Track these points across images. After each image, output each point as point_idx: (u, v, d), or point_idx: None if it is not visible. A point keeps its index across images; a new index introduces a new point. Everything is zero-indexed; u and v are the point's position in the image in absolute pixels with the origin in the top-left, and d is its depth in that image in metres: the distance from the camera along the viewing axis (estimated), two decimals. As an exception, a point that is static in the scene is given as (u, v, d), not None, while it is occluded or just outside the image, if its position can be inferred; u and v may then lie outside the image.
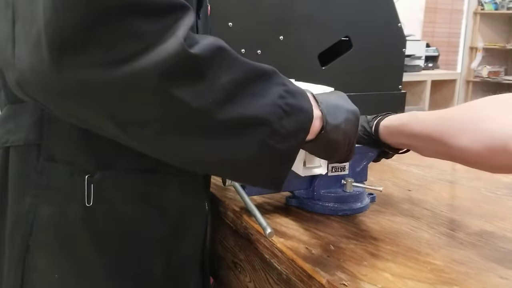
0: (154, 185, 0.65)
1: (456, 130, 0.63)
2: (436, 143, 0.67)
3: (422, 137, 0.69)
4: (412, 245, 0.67)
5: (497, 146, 0.58)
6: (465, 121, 0.63)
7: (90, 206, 0.60)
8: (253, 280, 0.77)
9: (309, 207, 0.80)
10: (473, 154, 0.61)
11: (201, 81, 0.48)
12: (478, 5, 4.90)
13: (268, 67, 0.55)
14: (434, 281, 0.58)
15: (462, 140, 0.62)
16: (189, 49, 0.46)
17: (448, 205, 0.84)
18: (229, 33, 1.03)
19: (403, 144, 0.76)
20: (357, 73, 1.21)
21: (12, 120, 0.62)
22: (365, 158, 0.82)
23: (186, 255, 0.71)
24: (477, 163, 0.62)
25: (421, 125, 0.70)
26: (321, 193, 0.79)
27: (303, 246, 0.67)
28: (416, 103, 3.79)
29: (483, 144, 0.59)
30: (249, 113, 0.51)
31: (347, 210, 0.78)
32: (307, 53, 1.13)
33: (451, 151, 0.64)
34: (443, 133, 0.65)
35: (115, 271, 0.64)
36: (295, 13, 1.10)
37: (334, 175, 0.80)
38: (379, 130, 0.77)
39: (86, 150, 0.61)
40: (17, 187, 0.62)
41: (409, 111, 0.76)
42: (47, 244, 0.61)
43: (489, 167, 0.62)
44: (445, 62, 4.81)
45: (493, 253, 0.65)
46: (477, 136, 0.60)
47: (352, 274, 0.59)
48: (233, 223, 0.81)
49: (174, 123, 0.49)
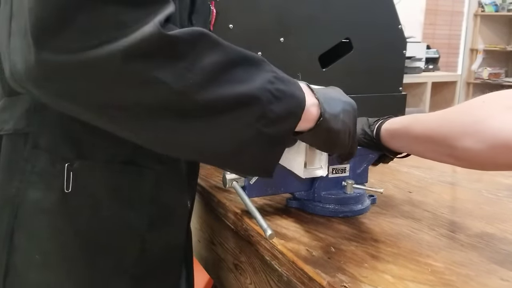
0: (130, 176, 0.67)
1: (458, 132, 0.63)
2: (439, 145, 0.67)
3: (424, 139, 0.69)
4: (413, 247, 0.67)
5: (500, 144, 0.58)
6: (466, 122, 0.63)
7: (69, 192, 0.63)
8: (254, 282, 0.77)
9: (310, 209, 0.80)
10: (477, 154, 0.61)
11: (181, 62, 0.48)
12: (479, 7, 4.90)
13: (257, 55, 0.56)
14: (435, 283, 0.58)
15: (465, 141, 0.62)
16: (166, 31, 0.47)
17: (448, 207, 0.84)
18: (230, 35, 1.03)
19: (404, 147, 0.76)
20: (358, 75, 1.21)
21: (8, 110, 0.65)
22: (366, 160, 0.82)
23: (164, 246, 0.73)
24: (482, 162, 0.63)
25: (423, 127, 0.70)
26: (322, 194, 0.79)
27: (303, 248, 0.67)
28: (417, 105, 3.78)
29: (486, 143, 0.59)
30: (233, 95, 0.52)
31: (348, 212, 0.78)
32: (308, 55, 1.14)
33: (455, 152, 0.64)
34: (446, 135, 0.65)
35: (92, 256, 0.67)
36: (295, 15, 1.10)
37: (335, 177, 0.80)
38: (381, 133, 0.77)
39: (68, 139, 0.63)
40: (8, 173, 0.64)
41: (410, 113, 0.76)
42: (30, 226, 0.64)
43: (494, 165, 0.62)
44: (446, 64, 4.81)
45: (494, 255, 0.65)
46: (480, 136, 0.60)
47: (352, 276, 0.59)
48: (234, 225, 0.81)
49: (153, 106, 0.49)
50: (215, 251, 0.93)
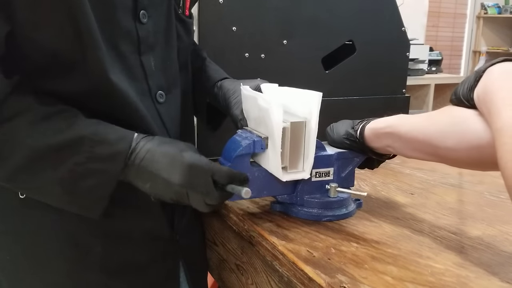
0: None
1: (442, 132, 0.64)
2: (423, 144, 0.68)
3: (409, 138, 0.70)
4: (413, 249, 0.67)
5: (485, 143, 0.58)
6: (450, 122, 0.64)
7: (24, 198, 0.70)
8: (255, 282, 0.78)
9: (293, 213, 0.78)
10: (462, 153, 0.62)
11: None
12: (482, 9, 4.90)
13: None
14: (435, 284, 0.58)
15: (449, 141, 0.63)
16: None
17: (450, 208, 0.84)
18: (233, 37, 1.04)
19: (388, 147, 0.75)
20: (361, 77, 1.22)
21: None
22: (351, 164, 0.80)
23: (135, 239, 0.75)
24: (466, 162, 0.63)
25: (407, 127, 0.70)
26: (305, 198, 0.77)
27: (304, 248, 0.67)
28: (420, 107, 3.78)
29: (470, 143, 0.60)
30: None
31: (331, 216, 0.77)
32: (311, 57, 1.14)
33: (438, 151, 0.65)
34: (431, 135, 0.66)
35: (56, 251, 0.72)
36: (298, 17, 1.10)
37: (318, 180, 0.78)
38: (365, 133, 0.77)
39: None
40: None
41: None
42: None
43: (480, 164, 0.63)
44: (449, 66, 4.81)
45: (495, 257, 0.66)
46: (463, 135, 0.61)
47: (352, 277, 0.59)
48: (236, 226, 0.81)
49: None
50: (217, 251, 0.93)
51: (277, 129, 0.69)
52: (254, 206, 0.83)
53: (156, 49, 0.74)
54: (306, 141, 0.73)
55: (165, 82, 0.76)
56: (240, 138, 0.74)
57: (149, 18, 0.71)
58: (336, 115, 0.88)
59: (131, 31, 0.69)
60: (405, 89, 1.29)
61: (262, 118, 0.73)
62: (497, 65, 0.59)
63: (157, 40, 0.74)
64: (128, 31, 0.68)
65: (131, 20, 0.69)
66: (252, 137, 0.73)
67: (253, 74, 1.06)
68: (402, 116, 0.74)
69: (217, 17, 1.01)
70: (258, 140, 0.72)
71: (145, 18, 0.71)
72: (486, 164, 0.60)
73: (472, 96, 0.61)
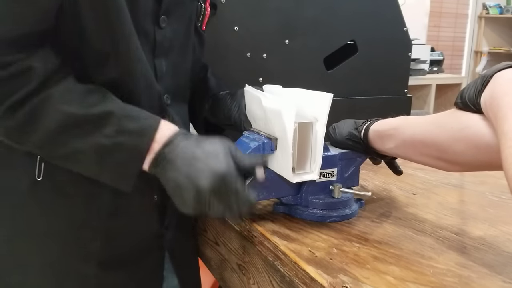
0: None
1: (450, 136, 0.64)
2: (429, 148, 0.67)
3: (414, 141, 0.69)
4: (415, 249, 0.67)
5: (494, 148, 0.58)
6: (458, 127, 0.63)
7: (40, 180, 0.71)
8: (257, 282, 0.78)
9: (298, 214, 0.78)
10: (469, 158, 0.61)
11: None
12: (483, 9, 4.89)
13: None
14: (437, 284, 0.58)
15: (457, 145, 0.62)
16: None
17: (452, 209, 0.84)
18: (235, 37, 1.04)
19: (392, 149, 0.75)
20: (363, 77, 1.21)
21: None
22: (354, 164, 0.80)
23: (129, 234, 0.77)
24: (474, 165, 0.63)
25: (412, 130, 0.70)
26: (310, 199, 0.77)
27: (306, 248, 0.67)
28: (421, 107, 3.78)
29: (478, 148, 0.60)
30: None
31: (336, 217, 0.77)
32: (313, 57, 1.14)
33: (445, 155, 0.65)
34: (438, 139, 0.65)
35: (56, 238, 0.74)
36: (300, 17, 1.10)
37: (322, 181, 0.78)
38: (369, 135, 0.77)
39: None
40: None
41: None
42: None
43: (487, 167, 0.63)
44: (450, 66, 4.80)
45: (497, 257, 0.65)
46: (471, 140, 0.61)
47: (354, 277, 0.59)
48: (238, 226, 0.81)
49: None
50: (219, 251, 0.93)
51: (289, 131, 0.68)
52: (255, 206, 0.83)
53: (170, 55, 0.77)
54: (313, 142, 0.72)
55: (173, 87, 0.79)
56: (248, 140, 0.74)
57: (168, 24, 0.74)
58: (338, 115, 0.88)
59: (149, 33, 0.72)
60: (407, 89, 1.29)
61: (270, 119, 0.72)
62: (504, 71, 0.59)
63: (172, 47, 0.77)
64: (146, 33, 0.71)
65: (151, 23, 0.72)
66: (261, 139, 0.73)
67: (255, 74, 1.06)
68: (407, 118, 0.73)
69: (219, 17, 1.01)
70: (268, 141, 0.72)
71: (164, 23, 0.74)
72: (494, 168, 0.60)
73: (479, 101, 0.60)
